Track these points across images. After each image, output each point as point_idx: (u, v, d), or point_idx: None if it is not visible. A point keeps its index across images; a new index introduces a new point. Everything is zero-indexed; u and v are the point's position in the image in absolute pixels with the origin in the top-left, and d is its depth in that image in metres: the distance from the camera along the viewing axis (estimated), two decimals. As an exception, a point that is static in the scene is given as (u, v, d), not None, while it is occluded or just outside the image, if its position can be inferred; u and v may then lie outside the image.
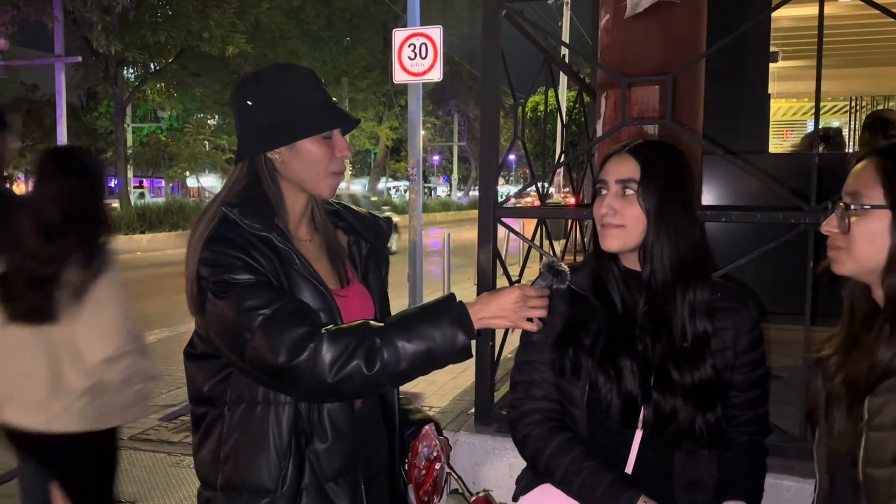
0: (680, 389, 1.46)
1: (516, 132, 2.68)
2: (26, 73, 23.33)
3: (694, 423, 1.46)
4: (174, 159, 25.96)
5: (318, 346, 1.31)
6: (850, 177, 1.27)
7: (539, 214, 2.79)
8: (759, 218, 2.33)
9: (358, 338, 1.33)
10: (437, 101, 42.47)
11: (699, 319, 1.49)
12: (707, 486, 1.53)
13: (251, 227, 1.41)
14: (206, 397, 1.47)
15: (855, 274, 1.27)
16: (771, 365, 2.51)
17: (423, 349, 1.35)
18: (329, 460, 1.45)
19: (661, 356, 1.48)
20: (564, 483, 1.51)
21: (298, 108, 1.47)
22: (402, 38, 8.34)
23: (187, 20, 19.38)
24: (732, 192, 4.56)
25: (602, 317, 1.53)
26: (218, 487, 1.45)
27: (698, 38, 2.77)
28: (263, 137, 1.47)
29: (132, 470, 3.98)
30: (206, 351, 1.47)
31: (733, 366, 1.54)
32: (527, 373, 1.62)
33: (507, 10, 2.39)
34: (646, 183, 1.47)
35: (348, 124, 1.52)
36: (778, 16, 5.38)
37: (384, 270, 1.69)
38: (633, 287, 1.54)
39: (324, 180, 1.49)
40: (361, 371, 1.31)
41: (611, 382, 1.48)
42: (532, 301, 1.43)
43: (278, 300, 1.35)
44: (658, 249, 1.47)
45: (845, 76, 9.27)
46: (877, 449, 1.17)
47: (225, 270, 1.36)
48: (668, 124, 2.23)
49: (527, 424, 1.59)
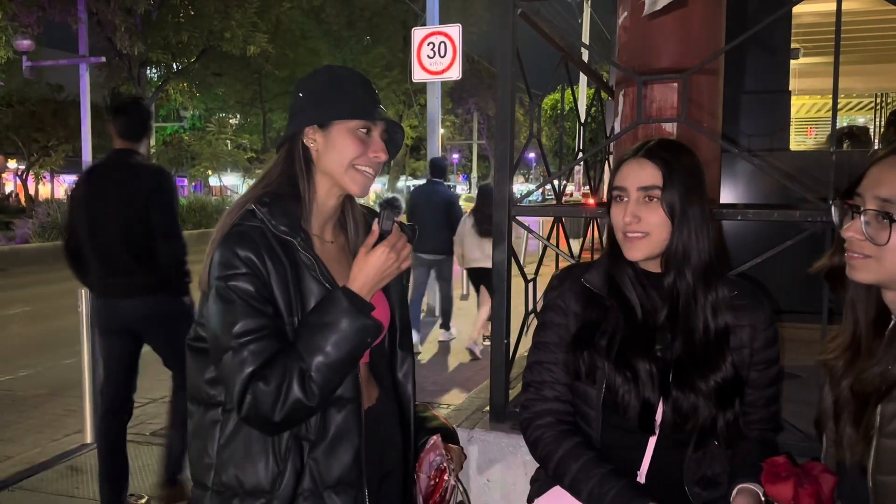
0: (702, 388, 1.45)
1: (532, 130, 2.68)
2: (51, 74, 23.67)
3: (715, 422, 1.46)
4: (196, 158, 26.23)
5: (255, 393, 1.33)
6: (879, 174, 1.16)
7: (554, 213, 2.79)
8: (776, 216, 2.31)
9: (285, 372, 1.34)
10: (457, 99, 42.39)
11: (720, 317, 1.50)
12: (721, 480, 1.53)
13: (276, 228, 1.42)
14: (204, 394, 1.48)
15: (878, 282, 1.20)
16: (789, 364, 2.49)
17: (344, 354, 1.37)
18: (328, 468, 1.45)
19: (679, 356, 1.48)
20: (573, 488, 1.51)
21: (340, 96, 1.50)
22: (422, 37, 8.35)
23: (209, 20, 19.55)
24: (753, 191, 4.52)
25: (617, 318, 1.52)
26: (210, 487, 1.46)
27: (717, 36, 2.76)
28: (300, 118, 1.50)
29: (154, 465, 4.04)
30: (205, 346, 1.47)
31: (749, 363, 1.53)
32: (538, 373, 1.62)
33: (522, 10, 2.38)
34: (669, 189, 1.46)
35: (385, 120, 1.53)
36: (800, 12, 5.31)
37: (405, 277, 1.69)
38: (649, 288, 1.54)
39: (354, 174, 1.50)
40: (303, 403, 1.34)
41: (629, 384, 1.48)
42: (396, 242, 1.44)
43: (254, 332, 1.36)
44: (682, 254, 1.48)
45: (870, 72, 9.13)
46: (890, 456, 1.15)
47: (231, 277, 1.38)
48: (685, 123, 2.22)
49: (538, 426, 1.59)
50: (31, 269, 13.56)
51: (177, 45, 20.26)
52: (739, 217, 2.26)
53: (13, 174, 29.40)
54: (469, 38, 25.63)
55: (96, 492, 3.70)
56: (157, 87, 23.10)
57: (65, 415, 5.07)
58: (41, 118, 24.87)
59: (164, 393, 5.54)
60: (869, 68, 8.77)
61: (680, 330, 1.49)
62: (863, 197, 1.18)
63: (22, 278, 12.40)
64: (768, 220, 2.54)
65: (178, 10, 20.71)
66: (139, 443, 4.40)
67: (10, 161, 28.77)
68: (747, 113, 4.73)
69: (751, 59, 4.69)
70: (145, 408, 5.20)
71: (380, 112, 1.52)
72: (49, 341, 7.35)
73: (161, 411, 5.06)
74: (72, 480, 3.87)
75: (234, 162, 27.11)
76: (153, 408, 5.19)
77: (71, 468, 4.03)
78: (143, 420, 4.86)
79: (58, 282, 11.62)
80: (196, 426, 1.50)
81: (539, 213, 4.19)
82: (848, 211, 1.21)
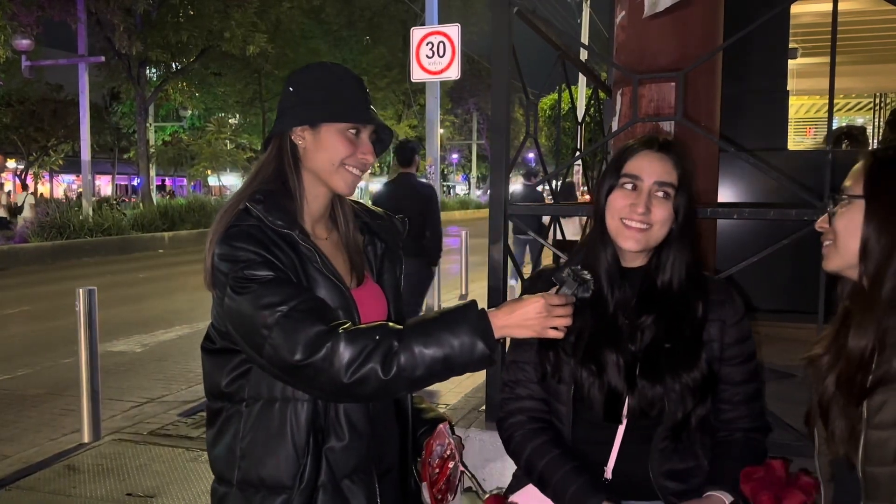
0: (673, 379, 1.47)
1: (528, 130, 2.68)
2: (51, 74, 23.71)
3: (688, 416, 1.48)
4: (196, 158, 26.22)
5: (334, 346, 1.30)
6: (849, 175, 1.30)
7: (550, 212, 2.79)
8: (771, 215, 2.31)
9: (375, 340, 1.32)
10: (456, 99, 42.43)
11: (700, 314, 1.52)
12: (695, 474, 1.54)
13: (273, 223, 1.42)
14: (224, 392, 1.48)
15: (841, 269, 1.29)
16: (784, 363, 2.50)
17: (440, 356, 1.33)
18: (345, 457, 1.46)
19: (649, 347, 1.49)
20: (541, 484, 1.55)
21: (331, 96, 1.50)
22: (420, 37, 8.34)
23: (209, 20, 19.57)
24: (750, 190, 4.52)
25: (585, 314, 1.52)
26: (234, 483, 1.46)
27: (715, 36, 2.76)
28: (290, 116, 1.50)
29: (151, 465, 4.04)
30: (225, 346, 1.47)
31: (720, 358, 1.55)
32: (513, 372, 1.64)
33: (518, 8, 2.38)
34: (682, 189, 1.50)
35: (375, 123, 1.53)
36: (798, 12, 5.31)
37: (399, 270, 1.70)
38: (623, 281, 1.56)
39: (341, 174, 1.50)
40: (377, 374, 1.30)
41: (593, 377, 1.49)
42: (556, 311, 1.40)
43: (296, 297, 1.35)
44: (678, 251, 1.52)
45: (868, 73, 9.12)
46: (878, 447, 1.16)
47: (244, 266, 1.37)
48: (682, 121, 2.22)
49: (511, 425, 1.62)
50: (30, 268, 13.55)
51: (176, 45, 20.26)
52: (736, 216, 2.26)
53: (12, 174, 29.40)
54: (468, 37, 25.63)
55: (94, 491, 3.70)
56: (156, 87, 23.09)
57: (63, 414, 5.07)
58: (40, 118, 24.91)
59: (162, 392, 5.56)
60: (867, 68, 8.76)
61: (658, 323, 1.50)
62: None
63: (20, 278, 12.38)
64: (765, 219, 2.54)
65: (177, 9, 20.72)
66: (138, 443, 4.40)
67: (9, 161, 28.78)
68: (745, 113, 4.73)
69: (749, 58, 4.69)
70: (143, 407, 5.20)
71: (371, 115, 1.53)
72: (47, 341, 7.34)
73: (159, 411, 5.07)
74: (69, 480, 3.86)
75: (233, 162, 27.10)
76: (150, 407, 5.19)
77: (68, 467, 4.03)
78: (141, 420, 4.86)
79: (56, 281, 11.63)
80: (219, 424, 1.50)
81: (536, 211, 4.19)
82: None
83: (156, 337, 7.54)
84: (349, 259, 1.58)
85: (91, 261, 14.92)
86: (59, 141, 26.25)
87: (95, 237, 16.07)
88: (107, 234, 16.45)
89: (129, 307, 9.10)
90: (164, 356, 6.72)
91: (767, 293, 3.59)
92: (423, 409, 1.75)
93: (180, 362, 6.49)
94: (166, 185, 38.27)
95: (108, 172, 36.99)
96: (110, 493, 3.69)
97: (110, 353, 6.59)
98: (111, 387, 5.51)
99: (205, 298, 1.46)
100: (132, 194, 35.14)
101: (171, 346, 7.13)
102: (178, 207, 19.86)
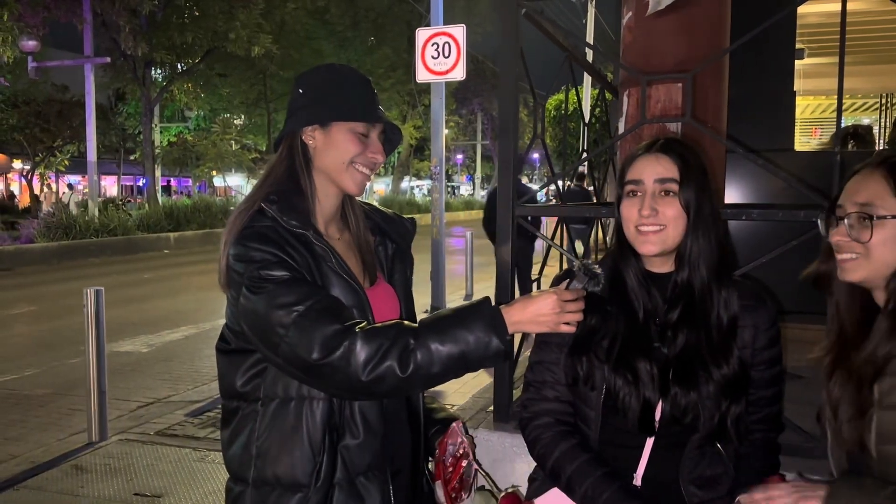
0: (708, 382, 1.46)
1: (535, 130, 2.68)
2: (56, 74, 23.80)
3: (724, 419, 1.47)
4: (201, 159, 26.30)
5: (351, 345, 1.31)
6: (855, 185, 1.31)
7: (558, 213, 2.79)
8: (780, 216, 2.31)
9: (392, 338, 1.33)
10: (461, 99, 42.46)
11: (729, 315, 1.50)
12: (722, 482, 1.53)
13: (288, 223, 1.43)
14: (240, 392, 1.49)
15: (866, 280, 1.31)
16: (793, 365, 2.49)
17: (456, 352, 1.34)
18: (360, 455, 1.47)
19: (682, 353, 1.48)
20: (569, 489, 1.52)
21: (340, 96, 1.51)
22: (426, 38, 8.34)
23: (214, 21, 19.63)
24: (757, 191, 4.51)
25: (618, 320, 1.52)
26: (250, 482, 1.47)
27: (722, 36, 2.75)
28: (300, 116, 1.51)
29: (158, 465, 4.05)
30: (240, 346, 1.48)
31: (751, 363, 1.53)
32: (539, 373, 1.62)
33: (526, 10, 2.39)
34: (686, 183, 1.47)
35: (385, 123, 1.55)
36: (805, 12, 5.30)
37: (409, 270, 1.71)
38: (651, 288, 1.54)
39: (351, 173, 1.51)
40: (395, 372, 1.31)
41: (629, 386, 1.47)
42: (569, 305, 1.42)
43: (313, 296, 1.36)
44: (697, 249, 1.48)
45: (875, 73, 9.09)
46: (891, 427, 1.22)
47: (260, 266, 1.38)
48: (690, 122, 2.22)
49: (536, 426, 1.60)
50: (36, 268, 13.60)
51: (181, 46, 20.34)
52: (744, 217, 2.26)
53: (18, 174, 29.50)
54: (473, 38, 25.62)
55: (101, 491, 3.71)
56: (161, 88, 23.16)
57: (69, 414, 5.08)
58: (46, 118, 24.97)
59: (168, 393, 5.57)
60: (874, 69, 8.73)
61: (688, 326, 1.49)
62: (843, 207, 1.32)
63: (27, 278, 12.43)
64: (773, 220, 2.54)
65: (182, 10, 20.80)
66: (145, 443, 4.41)
67: (15, 161, 28.88)
68: (752, 113, 4.72)
69: (756, 59, 4.68)
70: (149, 407, 5.21)
71: (380, 114, 1.54)
72: (54, 340, 7.37)
73: (165, 411, 5.08)
74: (76, 479, 3.88)
75: (238, 162, 27.17)
76: (157, 407, 5.20)
77: (75, 467, 4.04)
78: (146, 420, 4.87)
79: (63, 281, 11.67)
80: (235, 423, 1.51)
81: (543, 212, 4.19)
82: (833, 220, 1.35)
83: (162, 337, 7.56)
84: (361, 259, 1.59)
85: (97, 261, 14.99)
86: (64, 142, 26.32)
87: (101, 238, 16.13)
88: (112, 235, 16.51)
89: (135, 307, 9.12)
90: (170, 356, 6.74)
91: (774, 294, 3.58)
92: (435, 410, 1.76)
93: (186, 362, 6.51)
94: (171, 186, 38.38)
95: (114, 173, 37.15)
96: (118, 493, 3.70)
97: (116, 353, 6.61)
98: (117, 387, 5.52)
99: (210, 299, 1.47)
100: (137, 195, 35.24)
101: (177, 347, 7.15)
102: (184, 208, 19.92)
